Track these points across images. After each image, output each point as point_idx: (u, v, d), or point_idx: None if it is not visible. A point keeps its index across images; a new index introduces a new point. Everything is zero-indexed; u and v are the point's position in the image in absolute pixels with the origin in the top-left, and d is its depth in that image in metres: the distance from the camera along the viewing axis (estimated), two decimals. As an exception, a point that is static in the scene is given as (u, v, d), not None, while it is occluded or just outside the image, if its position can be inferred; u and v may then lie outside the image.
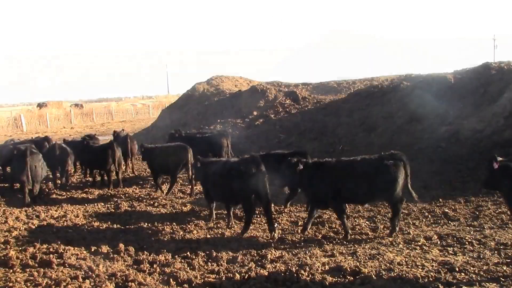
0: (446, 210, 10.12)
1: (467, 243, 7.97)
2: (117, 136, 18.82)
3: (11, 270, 7.57)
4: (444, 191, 11.79)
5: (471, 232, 8.60)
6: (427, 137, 16.19)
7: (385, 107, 19.79)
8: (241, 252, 8.05)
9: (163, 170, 13.27)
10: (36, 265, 7.78)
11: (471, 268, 6.86)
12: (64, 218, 10.83)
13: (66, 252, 8.28)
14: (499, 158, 7.13)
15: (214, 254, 7.91)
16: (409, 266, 7.05)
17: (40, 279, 7.10)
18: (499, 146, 13.46)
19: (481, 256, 7.34)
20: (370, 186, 8.71)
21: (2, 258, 8.05)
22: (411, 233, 8.75)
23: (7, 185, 14.82)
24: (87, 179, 16.41)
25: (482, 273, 6.65)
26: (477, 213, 9.85)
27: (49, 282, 6.97)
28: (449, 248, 7.82)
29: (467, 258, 7.29)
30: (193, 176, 12.25)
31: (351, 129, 19.60)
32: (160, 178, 13.61)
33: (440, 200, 11.04)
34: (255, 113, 25.35)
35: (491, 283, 6.31)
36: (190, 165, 12.66)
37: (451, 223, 9.38)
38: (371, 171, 8.71)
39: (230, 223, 9.94)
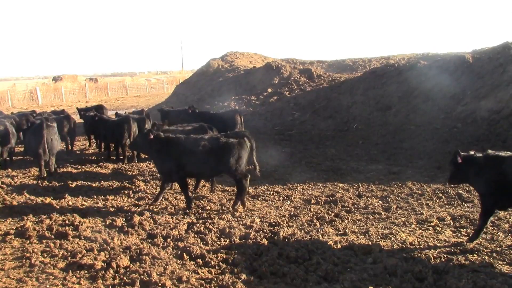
0: (460, 192, 10.05)
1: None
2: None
3: (28, 241, 7.73)
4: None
5: (485, 214, 8.55)
6: (442, 117, 16.02)
7: (401, 86, 19.56)
8: (253, 228, 8.11)
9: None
10: (53, 236, 7.93)
11: (484, 249, 6.86)
12: (79, 192, 10.97)
13: (82, 224, 8.42)
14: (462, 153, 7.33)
15: (227, 230, 7.98)
16: (422, 247, 7.07)
17: (56, 250, 7.25)
18: (516, 127, 13.27)
19: (494, 238, 7.32)
20: (213, 163, 9.28)
21: (19, 229, 8.22)
22: (424, 213, 8.73)
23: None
24: (101, 152, 16.53)
25: (495, 255, 6.64)
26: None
27: (65, 253, 7.11)
28: (462, 230, 7.80)
29: (480, 239, 7.26)
30: None
31: (366, 108, 19.46)
32: None
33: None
34: (269, 90, 25.23)
35: (504, 265, 6.30)
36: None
37: (465, 204, 9.33)
38: (216, 148, 9.23)
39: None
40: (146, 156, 14.07)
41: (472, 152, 7.38)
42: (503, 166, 6.81)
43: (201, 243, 7.52)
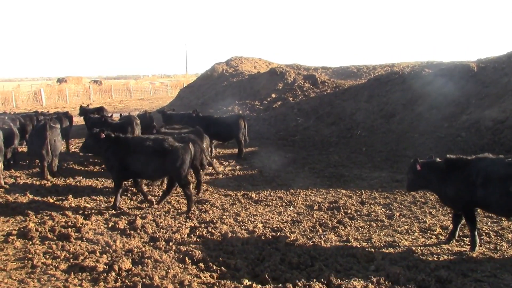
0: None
1: (484, 234, 7.92)
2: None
3: (30, 242, 7.73)
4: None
5: (488, 223, 8.54)
6: (446, 126, 15.99)
7: (405, 94, 19.54)
8: (256, 233, 8.10)
9: None
10: (55, 238, 7.93)
11: (488, 259, 6.83)
12: (82, 193, 10.98)
13: (84, 226, 8.42)
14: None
15: (229, 235, 7.97)
16: (424, 255, 7.04)
17: (59, 251, 7.25)
18: (520, 137, 13.24)
19: (498, 248, 7.30)
20: (158, 165, 9.40)
21: (22, 230, 8.23)
22: (427, 222, 8.71)
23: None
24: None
25: (498, 265, 6.61)
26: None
27: (67, 255, 7.11)
28: (465, 239, 7.76)
29: (484, 249, 7.24)
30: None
31: (369, 115, 19.43)
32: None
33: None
34: (273, 95, 25.23)
35: (508, 275, 6.27)
36: None
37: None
38: (161, 151, 9.35)
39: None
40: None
41: (430, 158, 7.74)
42: (466, 168, 7.08)
43: (203, 247, 7.51)
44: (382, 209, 9.81)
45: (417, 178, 7.75)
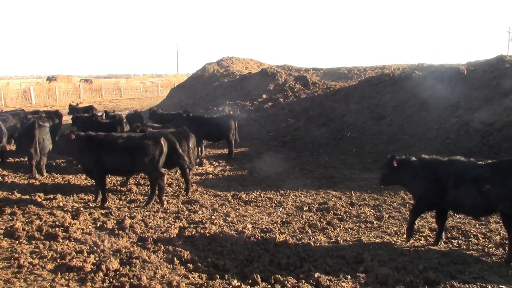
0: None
1: (472, 236, 7.96)
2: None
3: (17, 241, 7.65)
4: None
5: (477, 226, 8.59)
6: (436, 128, 16.06)
7: (396, 96, 19.61)
8: (245, 234, 8.08)
9: None
10: (42, 237, 7.86)
11: (475, 261, 6.86)
12: (70, 192, 10.89)
13: (72, 226, 8.35)
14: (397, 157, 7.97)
15: (219, 236, 7.94)
16: (413, 257, 7.06)
17: (46, 251, 7.18)
18: (509, 140, 13.33)
19: (486, 250, 7.33)
20: (130, 161, 9.67)
21: (9, 229, 8.14)
22: (416, 223, 8.71)
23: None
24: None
25: (486, 267, 6.64)
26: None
27: (54, 255, 7.04)
28: (453, 241, 7.81)
29: (472, 251, 7.28)
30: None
31: (360, 117, 19.48)
32: None
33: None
34: (264, 96, 25.23)
35: (495, 277, 6.31)
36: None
37: (457, 215, 9.32)
38: (132, 148, 9.63)
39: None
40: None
41: (404, 156, 8.02)
42: (438, 169, 7.32)
43: (192, 247, 7.48)
44: (372, 210, 9.84)
45: (392, 173, 8.06)
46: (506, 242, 7.42)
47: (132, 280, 6.11)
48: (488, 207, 6.88)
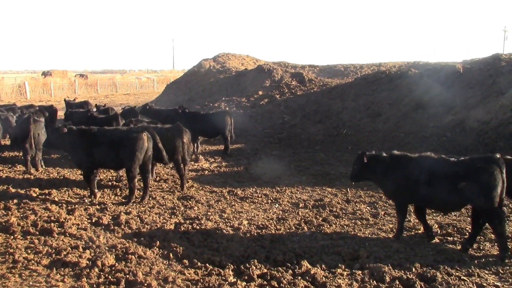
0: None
1: (467, 233, 7.97)
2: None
3: (12, 237, 7.61)
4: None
5: (472, 223, 8.60)
6: (432, 126, 16.10)
7: (392, 94, 19.63)
8: (241, 230, 8.08)
9: None
10: (37, 232, 7.82)
11: (470, 259, 6.88)
12: (65, 188, 10.85)
13: (67, 221, 8.32)
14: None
15: (214, 232, 7.94)
16: (409, 254, 7.08)
17: (41, 246, 7.15)
18: (504, 138, 13.39)
19: (481, 248, 7.36)
20: (116, 155, 9.63)
21: (4, 224, 8.10)
22: (412, 221, 8.75)
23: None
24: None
25: (481, 264, 6.67)
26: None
27: (49, 250, 7.01)
28: (449, 238, 7.84)
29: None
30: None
31: (355, 114, 19.49)
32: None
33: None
34: (260, 92, 25.19)
35: (490, 274, 6.33)
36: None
37: (452, 213, 9.36)
38: (118, 141, 9.61)
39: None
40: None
41: (375, 152, 8.13)
42: (410, 165, 7.43)
43: (188, 243, 7.47)
44: (367, 207, 9.86)
45: (362, 169, 8.11)
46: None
47: (127, 276, 6.10)
48: (460, 203, 7.15)
